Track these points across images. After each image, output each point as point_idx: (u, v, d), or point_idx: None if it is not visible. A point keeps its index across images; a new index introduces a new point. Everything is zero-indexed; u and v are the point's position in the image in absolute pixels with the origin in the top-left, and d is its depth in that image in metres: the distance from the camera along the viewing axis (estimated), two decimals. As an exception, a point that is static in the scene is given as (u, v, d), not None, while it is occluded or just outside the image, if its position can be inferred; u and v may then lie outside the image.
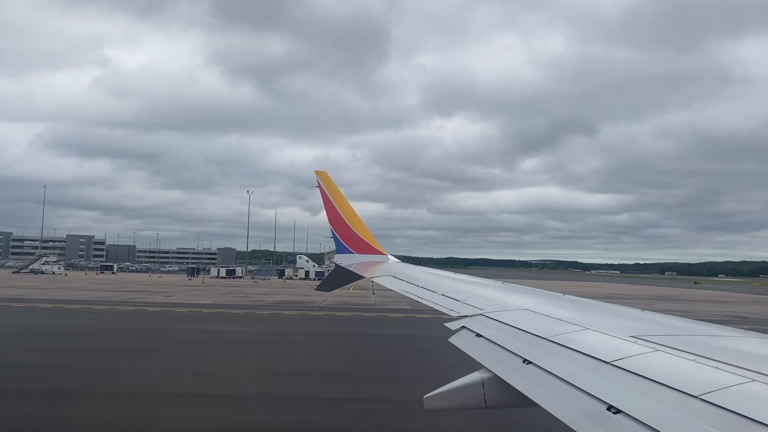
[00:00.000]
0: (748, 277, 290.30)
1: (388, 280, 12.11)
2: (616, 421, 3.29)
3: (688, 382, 3.40)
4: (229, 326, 37.66)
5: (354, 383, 20.59)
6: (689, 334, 5.15)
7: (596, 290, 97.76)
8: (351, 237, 18.94)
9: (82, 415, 15.60)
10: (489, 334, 5.77)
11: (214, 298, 60.44)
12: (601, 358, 4.18)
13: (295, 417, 15.90)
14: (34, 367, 21.45)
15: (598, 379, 3.88)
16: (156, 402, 17.23)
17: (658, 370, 3.71)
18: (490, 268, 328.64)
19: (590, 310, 7.06)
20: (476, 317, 6.62)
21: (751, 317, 54.28)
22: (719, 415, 2.95)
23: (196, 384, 19.60)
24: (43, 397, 17.27)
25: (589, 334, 5.07)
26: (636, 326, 5.46)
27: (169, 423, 15.20)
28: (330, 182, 19.44)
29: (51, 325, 35.88)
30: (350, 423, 15.54)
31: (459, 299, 7.98)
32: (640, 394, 3.47)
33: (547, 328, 5.40)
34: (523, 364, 4.66)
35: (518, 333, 5.53)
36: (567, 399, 3.81)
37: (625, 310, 6.97)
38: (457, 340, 6.03)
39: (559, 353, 4.61)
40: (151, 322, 39.05)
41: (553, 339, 4.96)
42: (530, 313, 6.59)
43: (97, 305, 48.69)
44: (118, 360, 23.69)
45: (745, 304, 79.24)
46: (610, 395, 3.56)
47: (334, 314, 44.81)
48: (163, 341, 30.24)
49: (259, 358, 25.39)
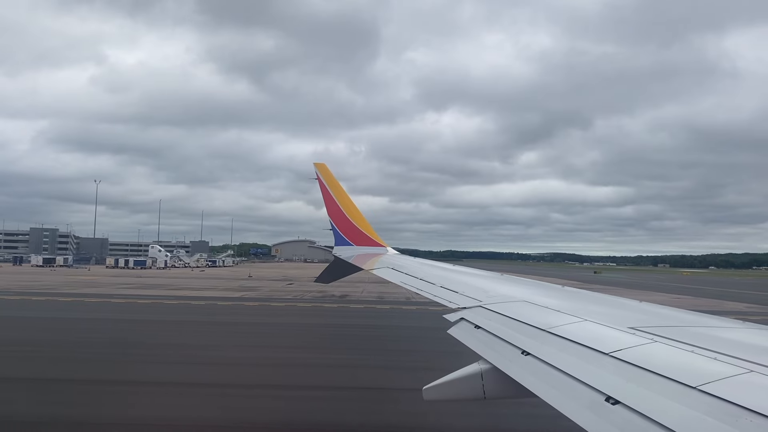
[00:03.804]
0: (741, 269, 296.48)
1: (387, 271, 12.12)
2: (614, 411, 3.30)
3: (687, 373, 3.41)
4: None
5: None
6: (687, 325, 5.16)
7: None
8: (350, 229, 18.93)
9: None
10: (488, 325, 5.78)
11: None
12: (600, 349, 4.19)
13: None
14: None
15: (597, 370, 3.89)
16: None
17: (656, 361, 3.72)
18: (486, 261, 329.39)
19: (589, 301, 7.08)
20: (475, 309, 6.63)
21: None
22: (717, 406, 2.96)
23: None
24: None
25: (588, 326, 5.08)
26: (634, 317, 5.48)
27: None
28: (329, 174, 19.39)
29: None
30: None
31: (458, 291, 7.99)
32: (639, 385, 3.48)
33: (545, 320, 5.41)
34: (522, 356, 4.68)
35: (517, 324, 5.55)
36: (566, 390, 3.82)
37: (624, 301, 6.99)
38: (456, 332, 6.05)
39: (557, 344, 4.62)
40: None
41: (551, 330, 4.97)
42: (529, 305, 6.61)
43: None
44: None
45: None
46: (608, 386, 3.57)
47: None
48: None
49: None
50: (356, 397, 17.13)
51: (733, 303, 55.52)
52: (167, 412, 15.04)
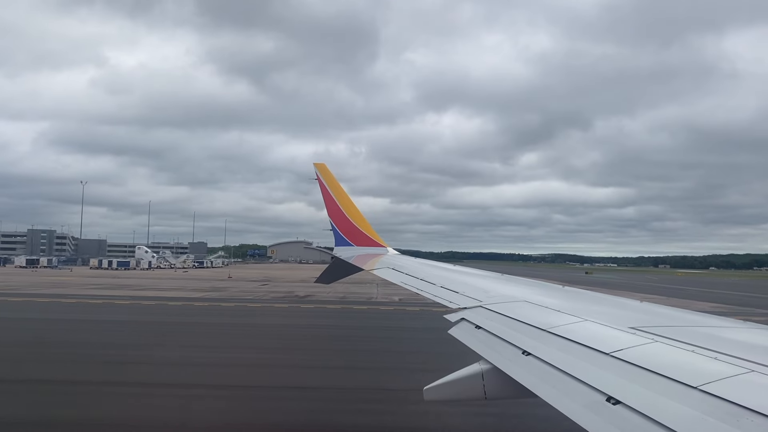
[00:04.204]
0: (741, 270, 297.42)
1: (388, 272, 12.13)
2: (615, 411, 3.30)
3: (688, 373, 3.41)
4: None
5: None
6: (688, 324, 5.16)
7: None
8: (350, 229, 18.92)
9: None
10: (488, 325, 5.78)
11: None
12: (601, 349, 4.19)
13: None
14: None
15: (598, 370, 3.89)
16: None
17: (657, 361, 3.72)
18: (486, 262, 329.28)
19: (589, 301, 7.08)
20: (476, 309, 6.63)
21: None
22: (718, 406, 2.96)
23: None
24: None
25: (589, 326, 5.08)
26: (635, 317, 5.47)
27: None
28: (329, 174, 19.38)
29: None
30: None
31: (458, 291, 7.99)
32: (640, 385, 3.47)
33: (546, 320, 5.41)
34: (523, 356, 4.67)
35: (517, 324, 5.54)
36: (566, 390, 3.82)
37: (625, 301, 6.99)
38: (457, 332, 6.05)
39: (558, 344, 4.62)
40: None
41: (552, 330, 4.97)
42: (529, 305, 6.61)
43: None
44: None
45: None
46: (609, 386, 3.56)
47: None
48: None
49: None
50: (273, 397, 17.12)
51: (702, 303, 55.10)
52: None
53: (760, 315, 42.84)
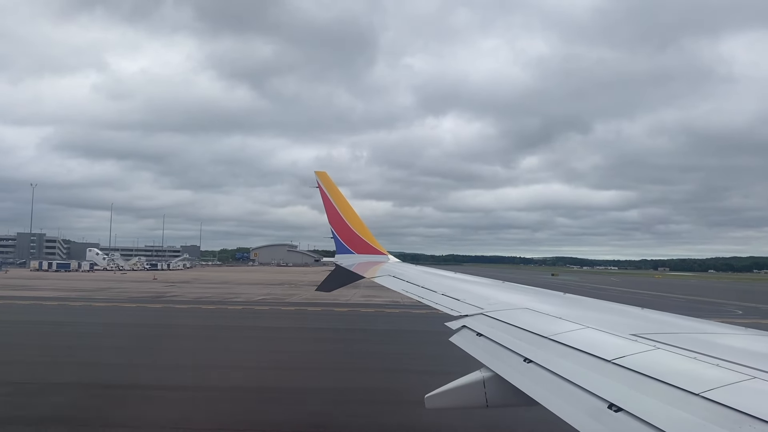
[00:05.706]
0: (741, 273, 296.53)
1: (389, 280, 12.13)
2: (617, 419, 3.29)
3: (689, 380, 3.41)
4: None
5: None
6: (689, 331, 5.15)
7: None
8: (351, 237, 18.96)
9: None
10: (490, 333, 5.77)
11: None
12: (602, 356, 4.18)
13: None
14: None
15: (599, 377, 3.88)
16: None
17: (658, 368, 3.72)
18: (487, 265, 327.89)
19: (590, 308, 7.07)
20: (477, 316, 6.63)
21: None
22: (720, 413, 2.96)
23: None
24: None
25: (590, 333, 5.08)
26: (636, 324, 5.47)
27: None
28: (330, 183, 19.46)
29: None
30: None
31: (459, 299, 7.99)
32: (641, 392, 3.47)
33: (547, 327, 5.41)
34: (524, 363, 4.67)
35: (519, 332, 5.54)
36: (568, 398, 3.81)
37: (626, 308, 6.98)
38: (458, 340, 6.04)
39: (560, 352, 4.62)
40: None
41: (553, 338, 4.96)
42: (531, 312, 6.60)
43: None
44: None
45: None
46: (611, 393, 3.56)
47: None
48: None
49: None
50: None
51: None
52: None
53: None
